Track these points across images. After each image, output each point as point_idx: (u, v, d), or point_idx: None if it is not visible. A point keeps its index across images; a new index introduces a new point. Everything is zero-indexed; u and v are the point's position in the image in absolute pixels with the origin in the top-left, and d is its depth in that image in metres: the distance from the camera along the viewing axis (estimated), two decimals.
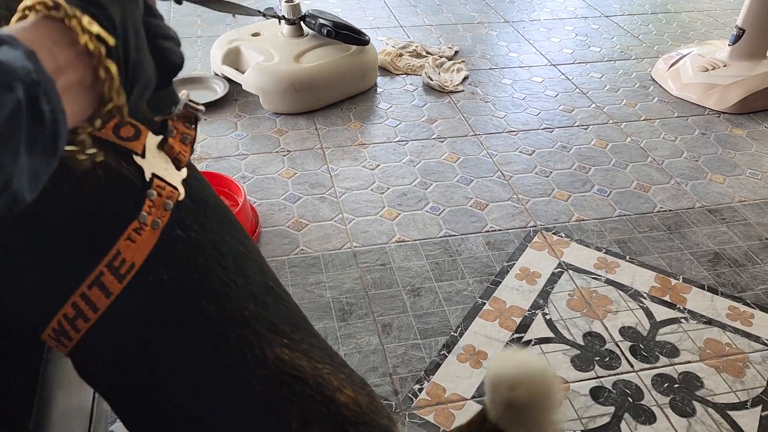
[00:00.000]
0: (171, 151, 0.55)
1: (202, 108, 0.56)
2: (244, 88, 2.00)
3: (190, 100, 0.54)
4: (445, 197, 1.67)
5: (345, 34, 1.98)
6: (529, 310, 1.35)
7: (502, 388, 0.58)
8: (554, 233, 1.56)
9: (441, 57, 2.35)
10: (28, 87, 0.31)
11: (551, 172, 1.78)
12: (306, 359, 0.57)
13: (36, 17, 0.36)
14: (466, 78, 2.26)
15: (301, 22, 2.04)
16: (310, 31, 2.05)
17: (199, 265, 0.55)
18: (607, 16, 2.83)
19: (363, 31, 2.06)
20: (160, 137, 0.54)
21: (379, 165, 1.79)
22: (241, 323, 0.55)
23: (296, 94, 1.94)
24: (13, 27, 0.36)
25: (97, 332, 0.52)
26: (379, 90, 2.14)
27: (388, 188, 1.70)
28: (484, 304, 1.36)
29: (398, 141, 1.90)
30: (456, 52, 2.43)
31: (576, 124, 2.01)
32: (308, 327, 0.63)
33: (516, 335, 1.29)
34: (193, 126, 0.57)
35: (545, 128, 1.98)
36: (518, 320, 1.32)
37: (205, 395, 0.55)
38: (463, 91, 2.18)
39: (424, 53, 2.38)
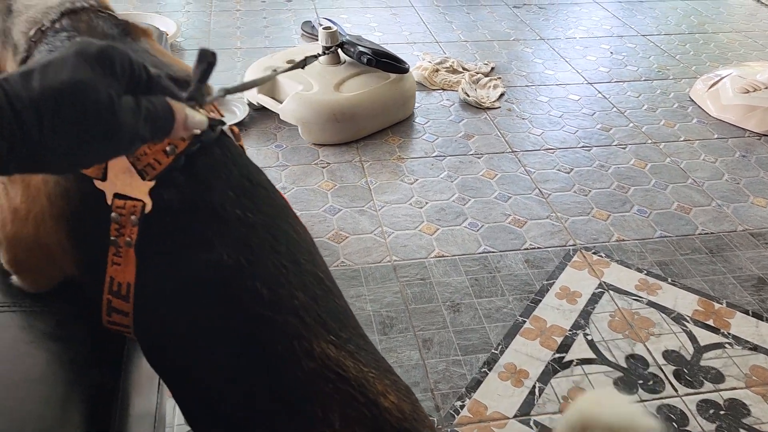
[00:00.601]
0: (138, 163, 0.55)
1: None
2: (282, 118, 1.95)
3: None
4: (483, 213, 1.67)
5: (385, 62, 1.98)
6: (570, 330, 1.34)
7: (593, 430, 0.55)
8: (594, 253, 1.55)
9: (477, 73, 2.36)
10: None
11: (590, 191, 1.77)
12: (351, 360, 0.58)
13: None
14: (502, 95, 2.26)
15: (339, 50, 2.02)
16: (348, 58, 2.04)
17: (254, 246, 0.56)
18: (643, 35, 2.83)
19: (401, 57, 2.04)
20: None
21: (417, 180, 1.80)
22: (292, 311, 0.56)
23: (337, 124, 1.91)
24: None
25: (147, 316, 0.55)
26: (416, 105, 2.15)
27: (426, 203, 1.70)
28: (525, 322, 1.35)
29: (436, 156, 1.91)
30: (492, 68, 2.44)
31: (614, 144, 2.00)
32: (356, 327, 0.63)
33: (557, 355, 1.28)
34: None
35: (583, 146, 1.98)
36: (559, 340, 1.32)
37: (250, 379, 0.55)
38: (499, 107, 2.19)
39: (460, 69, 2.39)
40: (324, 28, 2.00)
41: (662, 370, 1.26)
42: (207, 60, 0.47)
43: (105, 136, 0.41)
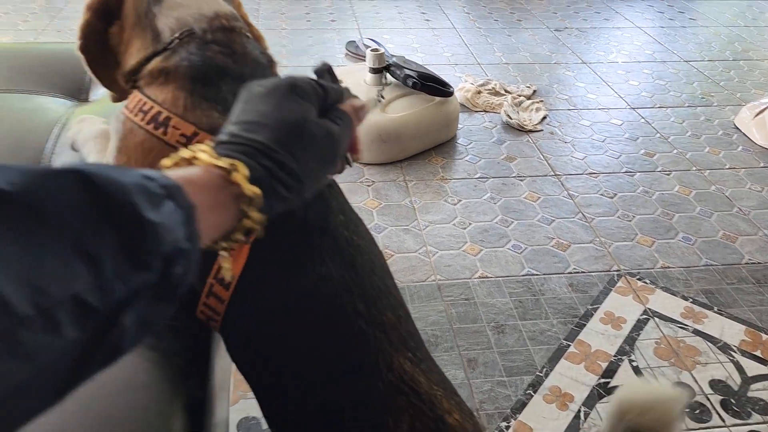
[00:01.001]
0: None
1: None
2: None
3: None
4: (527, 236, 1.69)
5: (430, 86, 2.02)
6: (615, 356, 1.34)
7: (632, 413, 0.58)
8: (639, 279, 1.55)
9: (520, 96, 2.39)
10: (169, 257, 0.32)
11: (634, 216, 1.78)
12: (424, 377, 0.61)
13: (202, 167, 0.40)
14: (544, 118, 2.28)
15: (386, 71, 2.06)
16: (393, 80, 2.08)
17: (358, 265, 0.61)
18: (686, 61, 2.82)
19: (446, 80, 2.07)
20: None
21: (460, 200, 1.82)
22: (384, 327, 0.61)
23: (383, 144, 1.95)
24: (180, 174, 0.38)
25: (242, 311, 0.59)
26: (459, 126, 2.18)
27: (470, 224, 1.72)
28: (569, 346, 1.36)
29: (479, 177, 1.93)
30: (534, 91, 2.46)
31: (658, 170, 2.00)
32: (426, 351, 0.67)
33: (602, 380, 1.29)
34: None
35: (626, 172, 1.98)
36: (604, 365, 1.32)
37: (335, 386, 0.59)
38: (542, 130, 2.21)
39: (502, 91, 2.42)
40: (372, 50, 2.05)
41: (709, 399, 1.25)
42: (325, 70, 0.52)
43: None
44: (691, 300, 1.49)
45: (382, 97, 1.99)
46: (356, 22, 3.12)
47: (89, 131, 0.78)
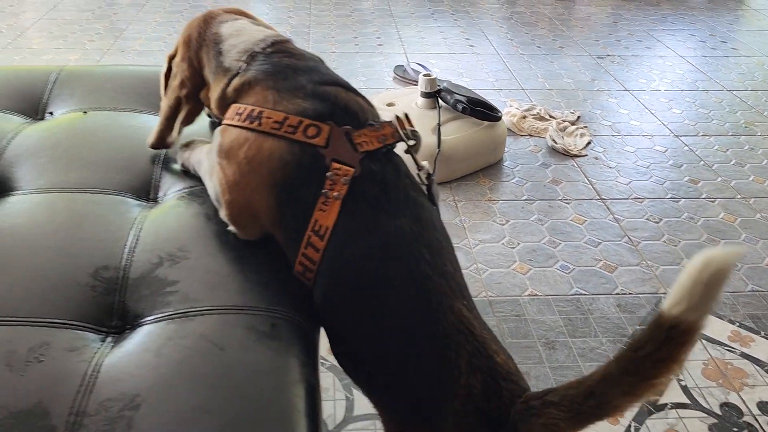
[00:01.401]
0: (354, 140, 0.73)
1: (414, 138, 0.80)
2: None
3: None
4: (574, 257, 1.74)
5: (479, 111, 2.10)
6: None
7: (709, 268, 0.54)
8: None
9: (564, 121, 2.45)
10: None
11: (680, 241, 1.82)
12: (477, 322, 0.70)
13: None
14: (589, 143, 2.34)
15: (437, 96, 2.15)
16: (443, 104, 2.17)
17: (422, 221, 0.73)
18: (729, 90, 2.86)
19: (495, 106, 2.15)
20: (345, 128, 0.74)
21: (508, 221, 1.88)
22: (443, 275, 0.71)
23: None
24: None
25: (332, 255, 0.71)
26: (505, 149, 2.25)
27: (518, 243, 1.79)
28: None
29: (525, 199, 2.00)
30: (578, 117, 2.53)
31: (702, 196, 2.04)
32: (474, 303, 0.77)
33: (652, 397, 1.33)
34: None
35: (671, 198, 2.03)
36: None
37: (408, 321, 0.69)
38: (586, 155, 2.26)
39: (547, 117, 2.49)
40: (424, 75, 2.14)
41: (757, 420, 1.29)
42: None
43: None
44: (737, 324, 1.53)
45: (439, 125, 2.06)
46: (402, 47, 3.22)
47: (203, 148, 0.87)
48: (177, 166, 0.93)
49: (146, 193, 0.90)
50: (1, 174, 0.91)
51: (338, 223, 0.70)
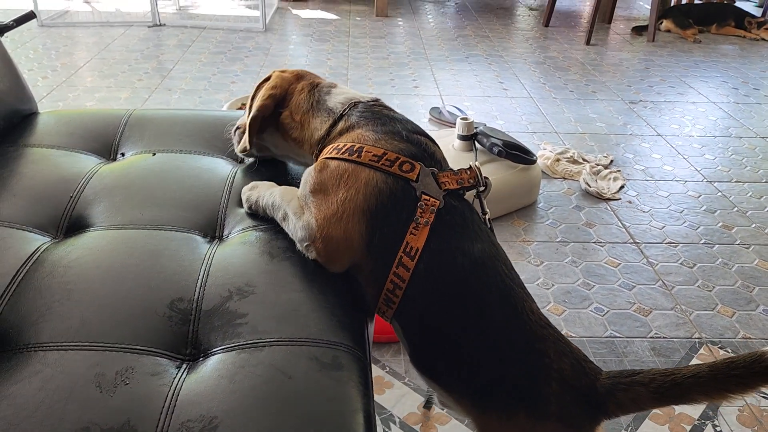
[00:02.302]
0: (437, 177, 0.87)
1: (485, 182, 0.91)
2: None
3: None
4: (608, 299, 1.77)
5: (514, 154, 2.16)
6: (698, 420, 1.40)
7: None
8: (720, 348, 1.61)
9: (597, 165, 2.50)
10: None
11: (714, 287, 1.84)
12: (546, 319, 0.85)
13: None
14: (622, 187, 2.38)
15: (474, 140, 2.22)
16: (480, 147, 2.23)
17: (494, 243, 0.87)
18: (762, 137, 2.88)
19: (530, 149, 2.21)
20: (432, 169, 0.87)
21: (543, 262, 1.92)
22: (520, 285, 0.85)
23: None
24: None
25: (421, 272, 0.82)
26: (540, 191, 2.30)
27: (552, 285, 1.82)
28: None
29: (560, 241, 2.04)
30: (611, 161, 2.57)
31: (737, 242, 2.06)
32: None
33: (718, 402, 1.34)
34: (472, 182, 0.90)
35: (705, 243, 2.05)
36: (688, 428, 1.38)
37: (499, 324, 0.81)
38: (620, 199, 2.30)
39: (580, 160, 2.54)
40: (461, 119, 2.22)
41: None
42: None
43: None
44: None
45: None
46: (438, 89, 3.32)
47: (274, 191, 0.95)
48: (244, 209, 1.00)
49: (213, 230, 0.97)
50: (81, 211, 0.99)
51: (427, 246, 0.81)
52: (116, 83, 3.22)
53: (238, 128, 1.11)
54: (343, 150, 0.87)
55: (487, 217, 0.91)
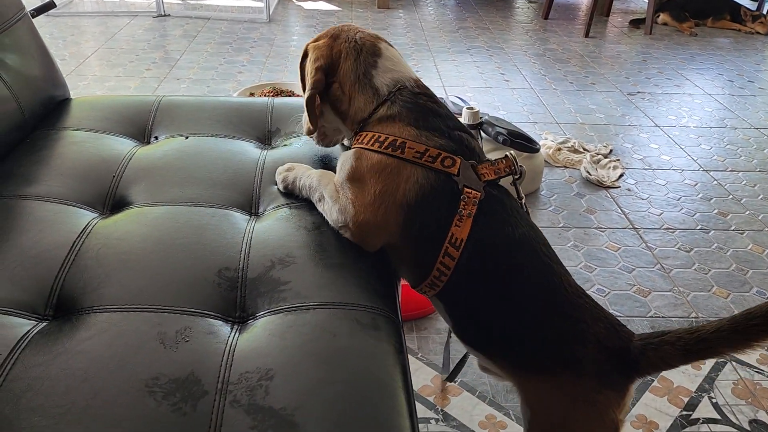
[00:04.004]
0: (476, 169, 0.91)
1: (520, 169, 0.95)
2: None
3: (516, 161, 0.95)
4: (609, 281, 1.85)
5: (519, 143, 2.23)
6: (695, 392, 1.48)
7: None
8: None
9: (597, 154, 2.58)
10: None
11: (710, 270, 1.92)
12: (582, 290, 0.91)
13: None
14: (621, 175, 2.46)
15: (479, 129, 2.29)
16: (485, 136, 2.31)
17: (534, 228, 0.93)
18: (756, 128, 2.96)
19: (533, 138, 2.29)
20: (471, 161, 0.90)
21: None
22: (558, 262, 0.91)
23: None
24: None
25: (468, 259, 0.88)
26: (542, 179, 2.37)
27: None
28: (653, 381, 1.51)
29: (562, 227, 2.12)
30: (611, 150, 2.65)
31: (731, 228, 2.14)
32: None
33: (685, 412, 1.43)
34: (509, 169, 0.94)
35: (701, 229, 2.13)
36: (686, 399, 1.46)
37: (542, 298, 0.88)
38: (619, 187, 2.38)
39: (581, 149, 2.61)
40: (467, 108, 2.29)
41: None
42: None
43: None
44: (767, 348, 1.62)
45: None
46: (440, 80, 3.39)
47: (311, 173, 1.02)
48: (279, 187, 1.07)
49: (249, 207, 1.04)
50: (124, 190, 1.06)
51: (471, 235, 0.87)
52: (125, 72, 3.27)
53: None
54: (386, 144, 0.90)
55: (523, 201, 0.96)
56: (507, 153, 0.96)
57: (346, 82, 0.98)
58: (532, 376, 0.91)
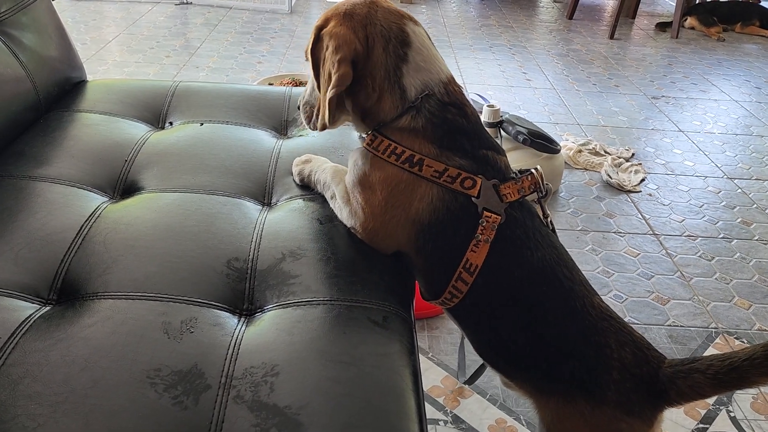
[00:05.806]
0: (498, 190, 0.84)
1: (547, 187, 0.89)
2: None
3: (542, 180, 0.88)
4: (627, 287, 1.81)
5: (539, 143, 2.19)
6: (713, 405, 1.44)
7: None
8: (736, 338, 1.64)
9: (619, 157, 2.52)
10: None
11: (731, 280, 1.87)
12: (611, 309, 0.87)
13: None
14: (643, 180, 2.41)
15: (499, 127, 2.25)
16: (505, 135, 2.26)
17: (557, 246, 0.87)
18: None
19: (554, 138, 2.24)
20: (494, 181, 0.84)
21: None
22: (581, 283, 0.87)
23: None
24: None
25: (481, 284, 0.84)
26: (561, 180, 2.33)
27: None
28: None
29: (580, 230, 2.07)
30: (633, 154, 2.60)
31: (755, 238, 2.09)
32: None
33: (701, 425, 1.39)
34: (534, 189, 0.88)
35: (724, 237, 2.08)
36: (703, 412, 1.42)
37: (567, 323, 0.84)
38: (640, 191, 2.33)
39: (602, 152, 2.56)
40: (488, 106, 2.25)
41: None
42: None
43: None
44: None
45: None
46: (461, 77, 3.34)
47: (326, 168, 0.99)
48: (295, 179, 1.04)
49: (262, 197, 1.02)
50: (135, 175, 1.04)
51: (486, 261, 0.83)
52: (144, 59, 3.26)
53: (309, 104, 0.97)
54: (403, 158, 0.84)
55: (549, 219, 0.91)
56: (532, 169, 0.88)
57: (377, 76, 0.85)
58: (552, 401, 0.87)
